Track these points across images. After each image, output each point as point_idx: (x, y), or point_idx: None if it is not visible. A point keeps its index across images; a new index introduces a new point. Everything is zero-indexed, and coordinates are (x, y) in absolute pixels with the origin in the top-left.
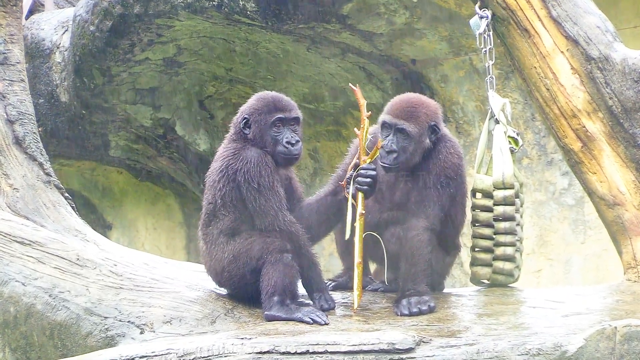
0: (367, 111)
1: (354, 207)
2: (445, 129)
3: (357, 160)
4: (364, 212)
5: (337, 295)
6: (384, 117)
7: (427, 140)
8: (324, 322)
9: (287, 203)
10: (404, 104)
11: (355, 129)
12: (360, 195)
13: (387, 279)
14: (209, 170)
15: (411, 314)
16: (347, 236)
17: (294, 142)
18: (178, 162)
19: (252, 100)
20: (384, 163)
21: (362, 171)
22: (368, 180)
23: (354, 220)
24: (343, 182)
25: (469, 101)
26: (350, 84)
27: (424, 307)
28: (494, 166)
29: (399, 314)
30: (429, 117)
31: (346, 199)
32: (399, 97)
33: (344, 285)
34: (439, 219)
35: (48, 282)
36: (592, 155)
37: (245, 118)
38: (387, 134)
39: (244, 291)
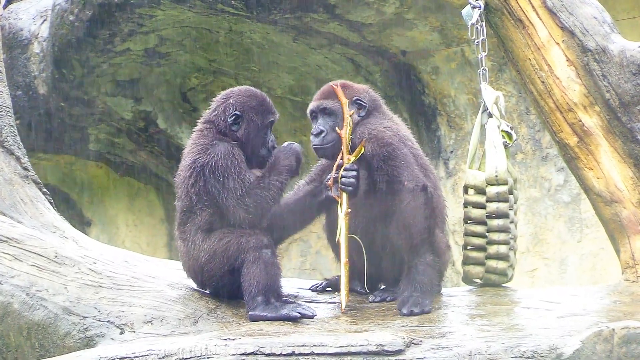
0: (350, 110)
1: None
2: (381, 112)
3: (341, 161)
4: (349, 210)
5: (324, 296)
6: (309, 107)
7: (355, 116)
8: (311, 314)
9: None
10: (325, 87)
11: (337, 128)
12: (344, 195)
13: (366, 286)
14: (180, 167)
15: (402, 314)
16: (338, 237)
17: (275, 146)
18: (160, 157)
19: (243, 97)
20: (315, 145)
21: (344, 172)
22: (351, 180)
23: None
24: (329, 182)
25: (461, 94)
26: (331, 84)
27: (416, 310)
28: (486, 161)
29: (399, 308)
30: (352, 94)
31: (328, 200)
32: (323, 86)
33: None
34: (421, 178)
35: (25, 280)
36: (588, 151)
37: (236, 114)
38: (315, 121)
39: (225, 290)
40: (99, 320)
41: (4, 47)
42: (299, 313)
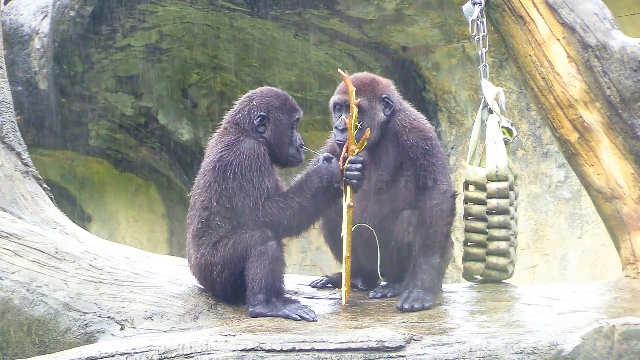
0: (356, 99)
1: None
2: (405, 105)
3: (346, 153)
4: (352, 204)
5: (325, 292)
6: (333, 98)
7: (382, 114)
8: (312, 319)
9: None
10: (353, 80)
11: (344, 117)
12: (348, 187)
13: (380, 273)
14: (202, 167)
15: (402, 310)
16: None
17: (303, 144)
18: (160, 153)
19: (266, 97)
20: (339, 141)
21: (349, 164)
22: (356, 173)
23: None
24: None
25: (461, 90)
26: (339, 69)
27: (417, 305)
28: (487, 158)
29: (398, 305)
30: (380, 91)
31: (337, 192)
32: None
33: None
34: (452, 183)
35: (26, 276)
36: (589, 147)
37: (261, 115)
38: (339, 114)
39: (238, 293)
40: (99, 316)
41: (4, 42)
42: (299, 316)
